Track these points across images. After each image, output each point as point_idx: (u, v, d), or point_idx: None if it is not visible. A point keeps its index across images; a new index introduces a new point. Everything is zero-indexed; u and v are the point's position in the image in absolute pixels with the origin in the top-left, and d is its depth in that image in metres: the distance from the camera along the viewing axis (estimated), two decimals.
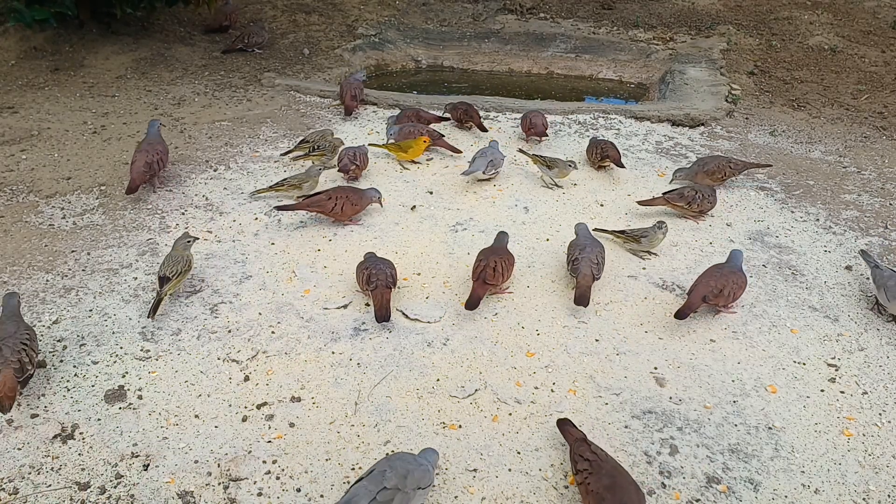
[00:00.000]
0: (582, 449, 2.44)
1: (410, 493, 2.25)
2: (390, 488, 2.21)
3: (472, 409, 2.80)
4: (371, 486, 2.23)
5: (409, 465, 2.31)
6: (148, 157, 4.14)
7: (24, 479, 2.45)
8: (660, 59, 7.24)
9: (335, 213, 3.92)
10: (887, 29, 7.64)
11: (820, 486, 2.52)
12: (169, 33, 7.06)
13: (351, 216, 4.00)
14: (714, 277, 3.29)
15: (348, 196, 3.94)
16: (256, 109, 5.52)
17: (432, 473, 2.38)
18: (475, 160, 4.46)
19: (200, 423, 2.70)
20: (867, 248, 3.75)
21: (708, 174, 4.46)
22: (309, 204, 3.91)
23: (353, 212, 3.98)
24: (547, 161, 4.46)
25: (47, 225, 3.93)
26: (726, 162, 4.52)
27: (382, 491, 2.21)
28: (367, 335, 3.18)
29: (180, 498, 2.40)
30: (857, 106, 6.02)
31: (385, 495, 2.20)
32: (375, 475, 2.27)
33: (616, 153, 4.67)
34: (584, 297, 3.31)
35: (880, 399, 2.91)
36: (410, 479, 2.26)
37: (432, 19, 8.15)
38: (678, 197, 4.15)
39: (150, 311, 3.17)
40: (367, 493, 2.21)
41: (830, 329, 3.32)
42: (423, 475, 2.31)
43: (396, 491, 2.22)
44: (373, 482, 2.25)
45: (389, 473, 2.26)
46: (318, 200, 3.91)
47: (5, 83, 5.79)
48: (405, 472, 2.27)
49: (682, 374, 3.01)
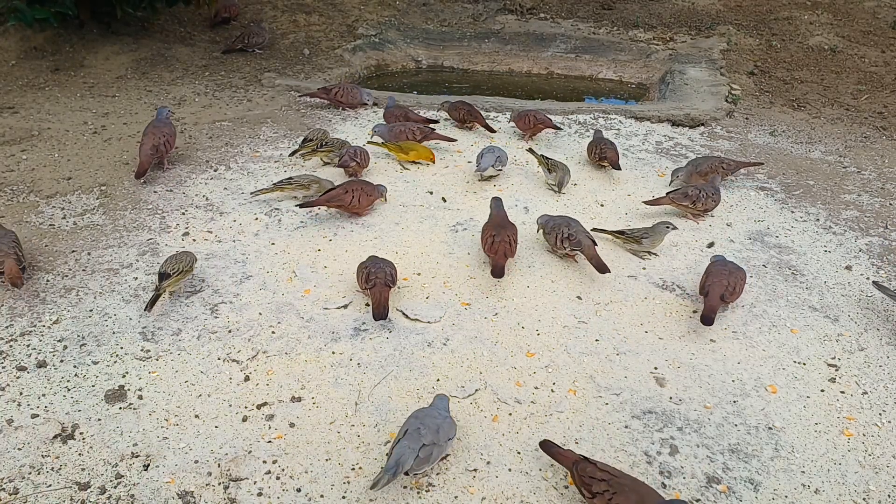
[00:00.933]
0: (589, 470, 2.37)
1: (443, 444, 2.50)
2: (428, 444, 2.44)
3: (472, 409, 2.80)
4: (412, 445, 2.43)
5: (438, 420, 2.53)
6: (154, 140, 4.18)
7: (24, 479, 2.46)
8: (660, 59, 7.24)
9: (353, 206, 4.00)
10: (887, 29, 7.64)
11: (820, 486, 2.52)
12: (169, 33, 7.06)
13: (367, 207, 4.10)
14: (724, 276, 3.30)
15: (363, 188, 4.05)
16: (257, 110, 5.52)
17: (454, 423, 2.59)
18: (483, 157, 4.48)
19: (200, 423, 2.70)
20: (879, 278, 3.64)
21: (701, 175, 4.46)
22: (328, 199, 3.99)
23: (368, 202, 4.09)
24: (549, 164, 4.46)
25: (47, 225, 3.93)
26: (719, 162, 4.51)
27: (423, 448, 2.43)
28: (367, 335, 3.18)
29: (180, 498, 2.41)
30: (857, 106, 6.02)
31: (425, 451, 2.43)
32: (412, 434, 2.46)
33: (614, 154, 4.66)
34: (601, 264, 3.54)
35: (880, 399, 2.91)
36: (442, 433, 2.50)
37: (432, 19, 8.15)
38: (683, 196, 4.15)
39: (148, 305, 3.18)
40: (412, 452, 2.42)
41: (830, 329, 3.32)
42: (450, 427, 2.55)
43: (433, 445, 2.45)
44: (412, 440, 2.44)
45: (424, 430, 2.47)
46: (337, 195, 3.99)
47: (5, 83, 5.79)
48: (436, 426, 2.50)
49: (683, 374, 3.01)
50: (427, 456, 2.42)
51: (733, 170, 4.57)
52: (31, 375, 2.89)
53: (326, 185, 4.19)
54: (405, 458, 2.39)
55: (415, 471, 2.44)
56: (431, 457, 2.44)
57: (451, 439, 2.54)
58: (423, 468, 2.45)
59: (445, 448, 2.51)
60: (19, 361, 2.95)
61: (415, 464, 2.40)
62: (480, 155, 4.51)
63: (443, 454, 2.51)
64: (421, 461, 2.41)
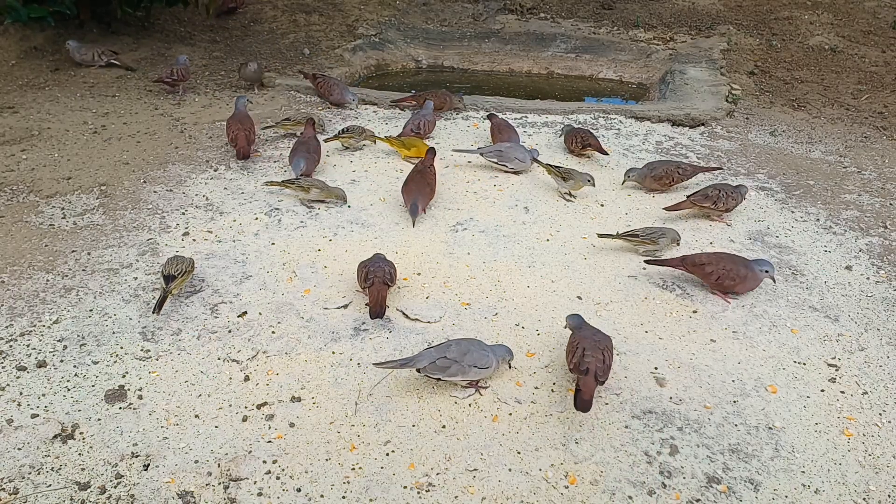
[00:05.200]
0: (693, 258, 3.51)
1: (466, 367, 2.72)
2: (450, 358, 2.71)
3: (472, 409, 2.80)
4: (435, 353, 2.74)
5: (472, 346, 2.78)
6: (246, 134, 4.69)
7: (24, 479, 2.46)
8: (660, 59, 7.24)
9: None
10: (887, 29, 7.64)
11: (820, 486, 2.52)
12: (169, 33, 7.06)
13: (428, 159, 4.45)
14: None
15: None
16: (257, 109, 5.52)
17: (492, 360, 2.79)
18: (504, 154, 4.60)
19: (200, 423, 2.70)
20: (880, 279, 3.56)
21: (655, 179, 4.38)
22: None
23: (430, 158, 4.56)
24: (562, 172, 4.34)
25: (47, 225, 3.93)
26: (675, 167, 4.40)
27: (442, 359, 2.71)
28: (367, 335, 3.18)
29: (180, 498, 2.40)
30: (858, 106, 6.02)
31: (443, 362, 2.70)
32: (441, 346, 2.78)
33: (596, 141, 4.78)
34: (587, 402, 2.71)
35: (880, 399, 2.91)
36: (469, 357, 2.72)
37: (432, 19, 8.15)
38: (703, 198, 4.08)
39: (156, 307, 3.17)
40: (429, 357, 2.73)
41: (831, 329, 3.31)
42: (481, 357, 2.75)
43: (454, 362, 2.70)
44: (438, 350, 2.75)
45: (453, 347, 2.76)
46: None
47: (5, 83, 5.79)
48: (466, 350, 2.75)
49: (683, 374, 3.01)
50: (444, 367, 2.70)
51: (690, 175, 4.44)
52: (31, 375, 2.89)
53: (324, 120, 4.55)
54: (422, 358, 2.72)
55: (427, 372, 2.73)
56: (449, 370, 2.71)
57: (479, 368, 2.74)
58: (437, 375, 2.73)
59: (468, 372, 2.73)
60: (19, 361, 2.95)
61: (429, 366, 2.70)
62: (503, 152, 4.61)
63: (465, 376, 2.74)
64: (436, 367, 2.70)
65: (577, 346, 2.83)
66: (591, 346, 2.82)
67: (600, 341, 2.86)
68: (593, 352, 2.78)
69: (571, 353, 2.83)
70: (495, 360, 2.81)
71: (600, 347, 2.82)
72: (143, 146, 4.89)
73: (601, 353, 2.79)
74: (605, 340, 2.88)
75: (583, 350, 2.79)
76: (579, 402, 2.67)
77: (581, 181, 4.31)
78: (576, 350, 2.81)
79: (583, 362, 2.75)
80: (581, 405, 2.67)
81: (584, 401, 2.67)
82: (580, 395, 2.69)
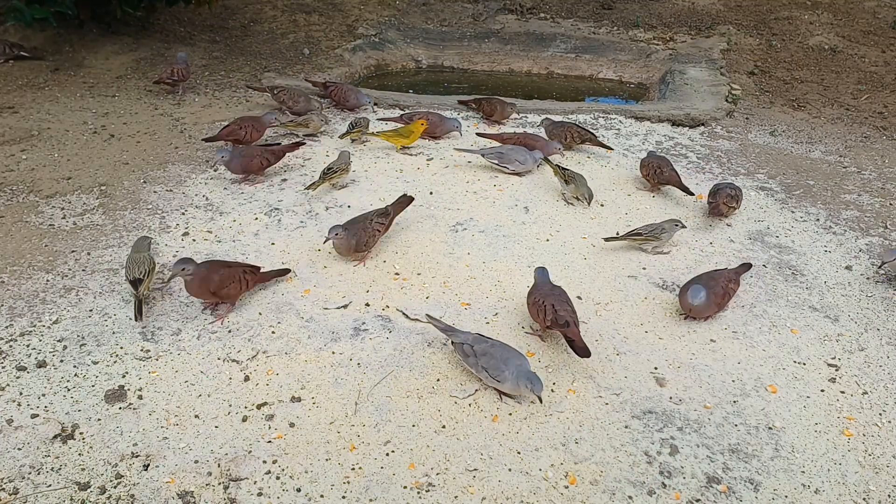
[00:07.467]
0: None
1: (479, 367, 2.82)
2: (475, 350, 2.84)
3: (472, 409, 2.80)
4: (471, 340, 2.89)
5: (502, 353, 2.81)
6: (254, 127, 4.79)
7: (24, 479, 2.45)
8: (660, 59, 7.24)
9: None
10: (887, 29, 7.64)
11: (820, 486, 2.52)
12: (169, 33, 7.07)
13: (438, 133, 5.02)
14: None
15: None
16: (256, 109, 5.52)
17: (506, 376, 2.75)
18: (505, 155, 4.61)
19: (200, 423, 2.70)
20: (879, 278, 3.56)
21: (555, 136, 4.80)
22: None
23: (442, 131, 5.09)
24: (567, 175, 4.31)
25: (47, 225, 3.93)
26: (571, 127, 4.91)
27: (469, 346, 2.86)
28: (367, 335, 3.18)
29: (180, 498, 2.40)
30: (858, 106, 6.02)
31: (468, 349, 2.84)
32: (481, 338, 2.90)
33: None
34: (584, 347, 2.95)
35: (880, 399, 2.91)
36: (486, 360, 2.80)
37: (432, 19, 8.15)
38: (731, 199, 4.08)
39: (136, 314, 3.16)
40: (465, 338, 2.91)
41: (830, 329, 3.32)
42: (495, 366, 2.78)
43: (474, 355, 2.84)
44: (475, 340, 2.89)
45: (486, 346, 2.84)
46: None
47: (5, 83, 5.79)
48: (491, 353, 2.82)
49: (682, 374, 3.01)
50: (467, 354, 2.84)
51: (585, 139, 4.90)
52: (31, 375, 2.89)
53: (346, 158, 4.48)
54: (460, 335, 2.92)
55: (455, 350, 2.91)
56: (468, 360, 2.83)
57: (489, 375, 2.77)
58: (459, 355, 2.90)
59: (480, 372, 2.81)
60: (19, 361, 2.95)
61: (458, 346, 2.88)
62: (505, 155, 4.62)
63: (477, 373, 2.82)
64: (461, 350, 2.86)
65: (543, 304, 3.03)
66: (557, 300, 3.03)
67: (560, 294, 3.09)
68: (561, 305, 3.01)
69: (542, 311, 3.02)
70: (511, 378, 2.72)
71: (563, 300, 3.05)
72: (143, 146, 4.89)
73: (568, 305, 3.03)
74: (563, 293, 3.12)
75: (552, 306, 3.00)
76: (580, 350, 2.89)
77: (581, 191, 4.22)
78: (544, 307, 3.01)
79: (559, 317, 2.96)
80: (581, 352, 2.89)
81: (582, 347, 2.89)
82: (574, 344, 2.91)
